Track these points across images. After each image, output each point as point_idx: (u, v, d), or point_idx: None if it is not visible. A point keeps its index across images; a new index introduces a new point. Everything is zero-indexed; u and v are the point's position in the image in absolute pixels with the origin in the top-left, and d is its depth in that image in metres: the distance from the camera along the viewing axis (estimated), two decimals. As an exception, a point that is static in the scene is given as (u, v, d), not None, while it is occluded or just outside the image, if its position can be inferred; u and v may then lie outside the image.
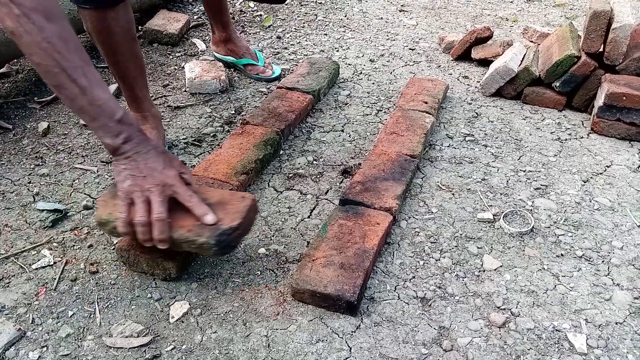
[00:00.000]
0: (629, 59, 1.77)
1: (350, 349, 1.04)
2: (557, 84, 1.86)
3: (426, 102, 1.79)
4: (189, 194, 1.06)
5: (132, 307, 1.10)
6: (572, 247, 1.31)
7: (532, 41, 2.29)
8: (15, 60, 2.01)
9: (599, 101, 1.74)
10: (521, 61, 1.97)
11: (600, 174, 1.59)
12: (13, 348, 1.00)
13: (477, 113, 1.87)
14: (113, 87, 1.89)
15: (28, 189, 1.42)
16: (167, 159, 1.09)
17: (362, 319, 1.10)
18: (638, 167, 1.61)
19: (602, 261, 1.27)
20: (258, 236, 1.30)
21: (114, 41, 1.38)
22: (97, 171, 1.51)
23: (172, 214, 1.06)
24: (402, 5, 2.81)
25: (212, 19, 2.03)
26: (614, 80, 1.73)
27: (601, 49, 1.80)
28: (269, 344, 1.03)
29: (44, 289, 1.12)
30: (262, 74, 2.05)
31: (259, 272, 1.20)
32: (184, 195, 1.06)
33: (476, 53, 2.20)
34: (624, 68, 1.79)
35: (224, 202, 1.12)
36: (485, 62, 2.17)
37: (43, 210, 1.33)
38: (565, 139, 1.75)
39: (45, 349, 1.00)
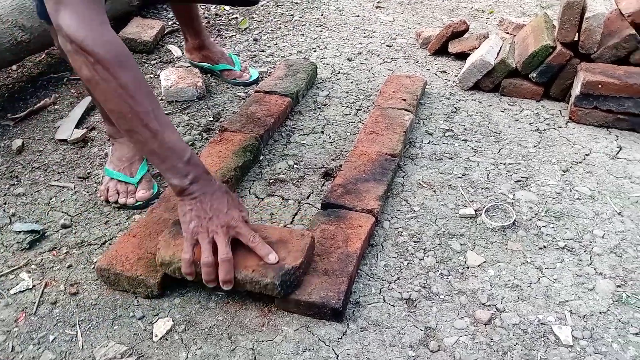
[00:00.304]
0: (603, 47, 1.78)
1: (338, 356, 1.03)
2: (534, 75, 1.87)
3: (405, 100, 1.79)
4: (252, 235, 1.08)
5: (115, 327, 1.08)
6: (554, 238, 1.32)
7: (508, 33, 2.29)
8: (-14, 77, 1.98)
9: (576, 90, 1.75)
10: (498, 53, 1.98)
11: (580, 162, 1.60)
12: (-6, 376, 0.99)
13: (455, 108, 1.88)
14: (87, 100, 1.86)
15: (4, 210, 1.39)
16: (231, 199, 1.11)
17: (348, 324, 1.10)
18: (616, 154, 1.62)
19: (584, 251, 1.28)
20: (241, 246, 1.29)
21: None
22: (74, 187, 1.48)
23: (234, 255, 1.07)
24: (378, 2, 2.81)
25: (184, 26, 2.00)
26: (590, 69, 1.74)
27: (576, 39, 1.80)
28: (255, 357, 1.03)
29: (24, 314, 1.11)
30: (239, 79, 2.03)
31: (242, 283, 1.19)
32: (247, 236, 1.08)
33: (453, 47, 2.20)
34: (598, 56, 1.80)
35: (284, 240, 1.13)
36: (462, 56, 2.17)
37: (20, 232, 1.31)
38: (544, 130, 1.75)
39: (27, 375, 0.99)
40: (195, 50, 2.03)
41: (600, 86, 1.69)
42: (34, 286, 1.17)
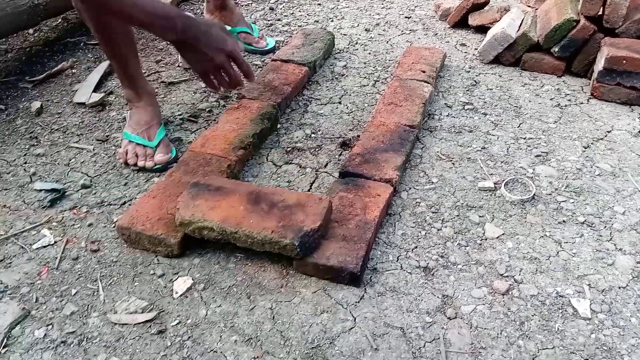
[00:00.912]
0: (629, 21, 1.75)
1: (355, 319, 1.04)
2: (556, 49, 1.83)
3: (424, 71, 1.77)
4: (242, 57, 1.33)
5: (136, 283, 1.10)
6: (574, 213, 1.31)
7: (529, 6, 2.24)
8: (4, 39, 1.97)
9: (599, 65, 1.72)
10: (519, 27, 1.94)
11: (601, 139, 1.58)
12: (19, 327, 1.00)
13: (475, 81, 1.85)
14: (104, 65, 1.85)
15: (24, 170, 1.40)
16: (219, 33, 1.26)
17: (365, 289, 1.10)
18: (639, 132, 1.60)
19: (604, 227, 1.27)
20: (259, 210, 1.30)
21: (106, 18, 1.34)
22: (93, 149, 1.49)
23: (255, 216, 1.10)
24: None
25: None
26: (614, 44, 1.71)
27: (600, 12, 1.76)
28: (273, 317, 1.04)
29: (46, 269, 1.12)
30: (255, 45, 2.01)
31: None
32: (239, 59, 1.31)
33: (473, 20, 2.16)
34: (623, 31, 1.76)
35: (301, 203, 1.14)
36: (482, 29, 2.13)
37: (41, 190, 1.32)
38: (565, 105, 1.73)
39: (50, 326, 1.00)
40: (217, 10, 2.00)
41: (624, 62, 1.66)
42: (55, 242, 1.18)
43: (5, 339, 0.98)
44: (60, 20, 2.18)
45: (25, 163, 1.43)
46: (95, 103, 1.67)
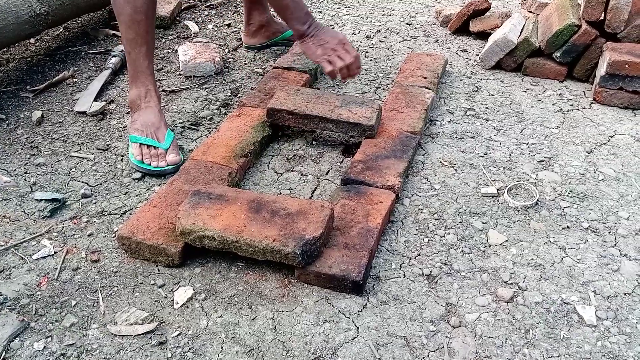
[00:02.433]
0: (630, 26, 1.74)
1: (358, 328, 1.03)
2: (558, 55, 1.83)
3: (425, 77, 1.76)
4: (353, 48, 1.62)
5: (136, 294, 1.09)
6: (577, 219, 1.30)
7: (530, 11, 2.24)
8: (5, 49, 1.98)
9: (601, 70, 1.72)
10: (520, 32, 1.94)
11: (604, 144, 1.56)
12: (18, 339, 0.99)
13: (477, 87, 1.85)
14: (105, 74, 1.85)
15: (25, 179, 1.40)
16: (333, 31, 1.62)
17: (368, 298, 1.09)
18: (642, 136, 1.59)
19: (609, 232, 1.26)
20: (260, 219, 1.29)
21: (144, 3, 1.39)
22: (94, 159, 1.48)
23: (256, 225, 1.10)
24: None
25: (252, 4, 1.95)
26: (616, 49, 1.70)
27: (602, 17, 1.76)
28: (275, 326, 1.03)
29: (46, 279, 1.11)
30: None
31: (262, 255, 1.18)
32: (351, 50, 1.60)
33: (474, 26, 2.16)
34: (625, 36, 1.76)
35: (303, 211, 1.13)
36: (483, 35, 2.13)
37: (41, 200, 1.31)
38: (568, 110, 1.72)
39: (49, 339, 0.99)
40: (262, 27, 2.01)
41: (627, 66, 1.65)
42: (55, 253, 1.18)
43: (4, 352, 0.97)
44: (61, 29, 2.18)
45: (26, 173, 1.42)
46: (96, 112, 1.67)
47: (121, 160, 1.48)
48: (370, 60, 2.01)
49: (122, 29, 1.44)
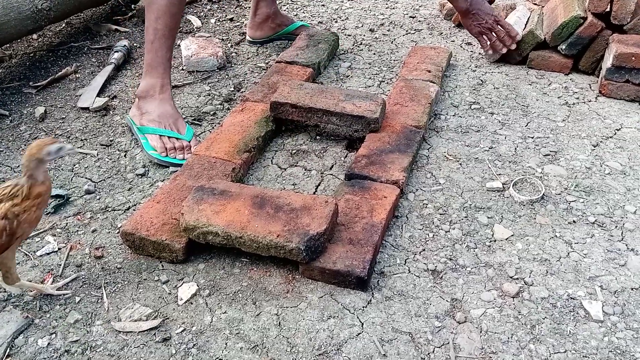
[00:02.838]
0: (637, 17, 1.72)
1: (362, 324, 1.02)
2: (563, 47, 1.81)
3: (429, 71, 1.75)
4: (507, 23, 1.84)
5: (140, 290, 1.08)
6: (584, 213, 1.29)
7: (535, 3, 2.22)
8: (8, 45, 1.97)
9: (607, 63, 1.70)
10: (525, 25, 1.92)
11: (610, 137, 1.55)
12: (22, 336, 0.99)
13: (482, 80, 1.83)
14: (108, 69, 1.85)
15: (28, 176, 1.39)
16: (488, 7, 1.83)
17: (373, 293, 1.08)
18: (649, 129, 1.58)
19: (616, 226, 1.25)
20: (264, 214, 1.28)
21: None
22: (97, 154, 1.48)
23: (260, 220, 1.09)
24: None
25: None
26: (622, 41, 1.68)
27: (608, 9, 1.74)
28: (279, 322, 1.02)
29: (50, 276, 1.11)
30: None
31: (266, 251, 1.18)
32: (504, 23, 1.82)
33: (479, 18, 2.13)
34: (632, 27, 1.74)
35: (307, 206, 1.13)
36: (488, 28, 2.11)
37: (44, 197, 1.31)
38: (573, 103, 1.71)
39: (54, 335, 0.99)
40: (268, 19, 2.00)
41: (633, 58, 1.63)
42: (59, 249, 1.17)
43: (9, 349, 0.97)
44: (64, 25, 2.17)
45: (29, 169, 1.42)
46: (99, 108, 1.67)
47: (124, 156, 1.48)
48: (374, 53, 2.00)
49: (151, 17, 1.42)
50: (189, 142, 1.45)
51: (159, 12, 1.39)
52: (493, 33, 1.80)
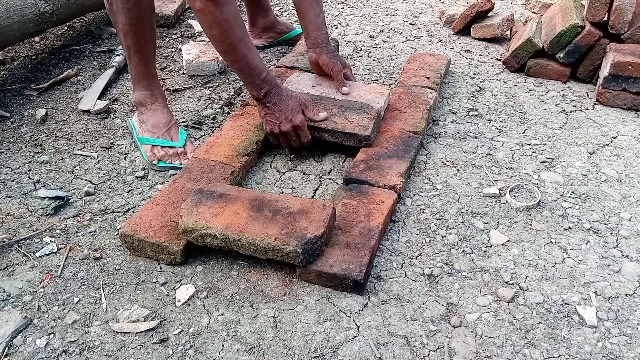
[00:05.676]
0: (634, 27, 1.74)
1: (358, 327, 1.03)
2: (561, 55, 1.83)
3: (428, 78, 1.76)
4: (312, 119, 1.45)
5: (138, 291, 1.09)
6: (579, 219, 1.30)
7: (534, 12, 2.24)
8: (10, 47, 1.99)
9: (604, 71, 1.71)
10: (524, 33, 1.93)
11: (607, 145, 1.56)
12: (20, 336, 1.00)
13: (480, 87, 1.85)
14: (109, 72, 1.86)
15: (29, 177, 1.41)
16: (294, 104, 1.41)
17: (369, 297, 1.09)
18: (645, 138, 1.59)
19: (611, 233, 1.26)
20: (262, 218, 1.29)
21: (140, 10, 1.38)
22: (98, 157, 1.49)
23: (258, 223, 1.10)
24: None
25: (253, 6, 1.97)
26: (620, 50, 1.70)
27: (605, 18, 1.76)
28: (276, 325, 1.03)
29: (49, 276, 1.12)
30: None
31: (264, 254, 1.19)
32: (305, 131, 1.42)
33: (475, 32, 2.16)
34: (629, 37, 1.76)
35: (305, 210, 1.14)
36: (486, 38, 2.13)
37: (44, 198, 1.32)
38: (570, 111, 1.72)
39: (52, 335, 1.00)
40: (267, 28, 2.02)
41: (630, 67, 1.65)
42: (58, 250, 1.18)
43: (7, 348, 0.97)
44: (66, 28, 2.19)
45: (30, 170, 1.43)
46: (100, 110, 1.68)
47: (124, 158, 1.49)
48: (374, 60, 2.02)
49: (120, 35, 1.44)
50: (183, 147, 1.46)
51: (124, 31, 1.41)
52: (287, 139, 1.44)
